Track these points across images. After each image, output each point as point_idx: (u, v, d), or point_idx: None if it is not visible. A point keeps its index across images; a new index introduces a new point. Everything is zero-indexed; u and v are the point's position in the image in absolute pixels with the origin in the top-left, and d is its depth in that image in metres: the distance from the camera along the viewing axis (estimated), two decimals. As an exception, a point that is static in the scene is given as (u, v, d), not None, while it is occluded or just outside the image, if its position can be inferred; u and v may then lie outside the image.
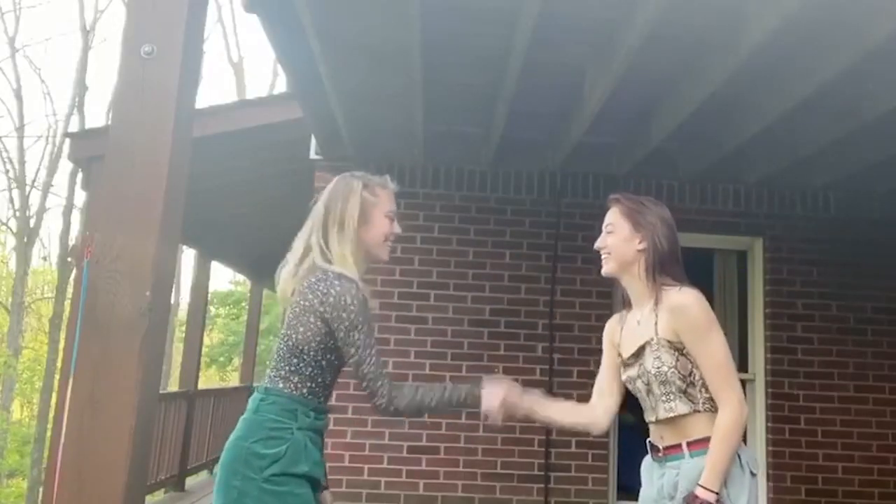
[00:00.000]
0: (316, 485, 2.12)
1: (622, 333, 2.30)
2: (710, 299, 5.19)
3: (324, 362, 2.14)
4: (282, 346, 2.17)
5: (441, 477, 4.64)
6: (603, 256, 2.30)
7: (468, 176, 4.98)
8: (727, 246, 5.20)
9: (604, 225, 2.32)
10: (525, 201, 4.96)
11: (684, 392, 2.11)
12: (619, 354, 2.30)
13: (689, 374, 2.11)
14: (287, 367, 2.14)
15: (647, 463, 2.27)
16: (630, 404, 2.34)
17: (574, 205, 4.96)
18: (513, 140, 4.57)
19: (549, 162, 4.86)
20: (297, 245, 2.29)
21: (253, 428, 2.07)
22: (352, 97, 3.99)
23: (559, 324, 4.80)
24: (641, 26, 2.87)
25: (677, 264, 2.24)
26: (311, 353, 2.12)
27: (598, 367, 2.44)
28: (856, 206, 5.06)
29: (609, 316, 2.48)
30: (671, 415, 2.12)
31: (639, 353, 2.18)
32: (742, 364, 5.10)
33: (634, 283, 2.25)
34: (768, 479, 4.77)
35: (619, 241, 2.25)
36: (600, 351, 2.43)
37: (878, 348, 4.94)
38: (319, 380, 2.15)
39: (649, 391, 2.17)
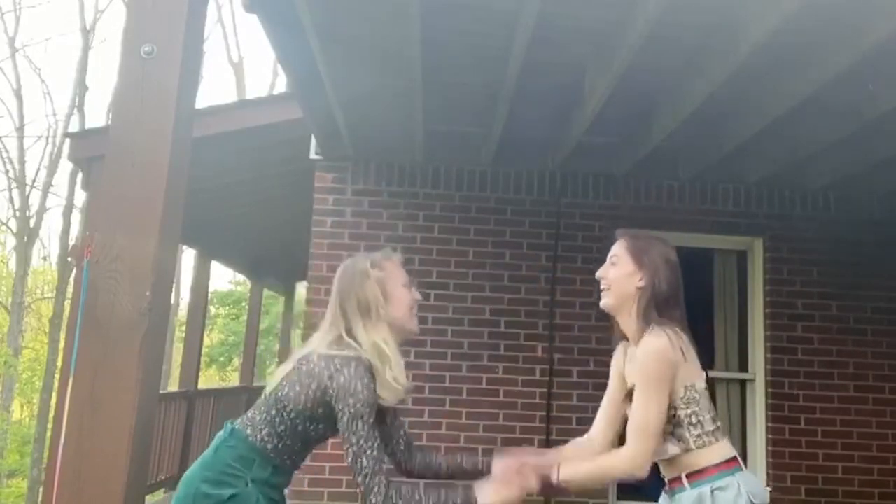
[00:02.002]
0: None
1: (627, 368, 2.30)
2: (710, 299, 5.24)
3: (300, 427, 2.10)
4: (270, 395, 2.12)
5: None
6: (602, 288, 2.30)
7: (468, 176, 4.98)
8: (727, 246, 5.20)
9: (609, 255, 2.32)
10: (525, 201, 4.96)
11: (672, 434, 2.13)
12: (627, 385, 2.29)
13: (674, 417, 2.12)
14: (263, 416, 2.10)
15: (662, 498, 2.28)
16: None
17: (574, 205, 4.95)
18: (513, 140, 4.57)
19: (549, 162, 4.86)
20: (318, 343, 2.19)
21: (207, 466, 2.07)
22: (352, 97, 3.99)
23: (559, 324, 4.80)
24: (641, 26, 2.87)
25: (677, 307, 2.22)
26: (293, 414, 2.08)
27: (597, 367, 2.45)
28: (856, 207, 5.06)
29: (608, 316, 2.47)
30: (666, 457, 2.14)
31: (630, 395, 2.19)
32: (742, 364, 5.11)
33: (628, 322, 2.25)
34: (768, 479, 4.77)
35: (620, 275, 2.25)
36: (600, 351, 2.44)
37: (878, 348, 4.93)
38: (289, 442, 2.10)
39: None
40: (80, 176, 10.85)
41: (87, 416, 1.94)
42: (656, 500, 2.28)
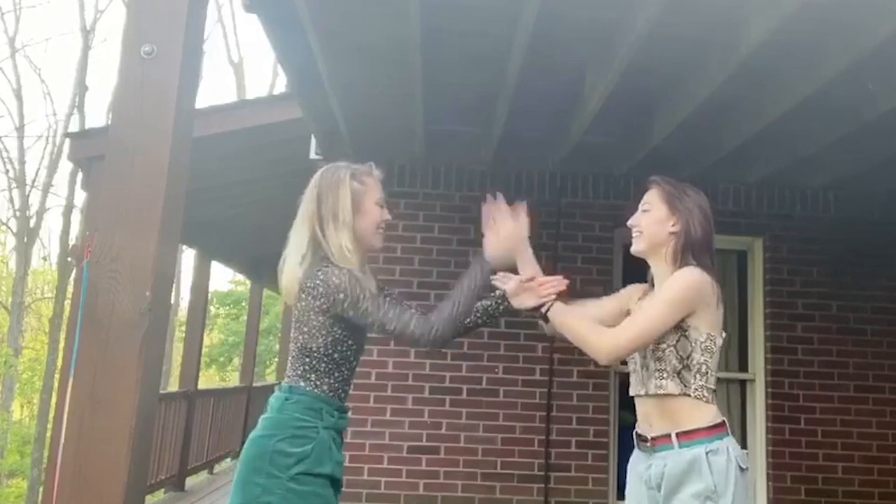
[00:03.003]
0: (337, 485, 2.12)
1: (637, 304, 2.30)
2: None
3: (336, 355, 2.15)
4: (293, 347, 2.17)
5: (441, 477, 4.64)
6: (634, 234, 2.29)
7: (468, 176, 4.98)
8: (727, 246, 5.19)
9: (641, 203, 2.31)
10: (525, 201, 4.94)
11: (678, 373, 2.11)
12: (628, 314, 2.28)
13: (688, 357, 2.11)
14: (302, 367, 2.14)
15: (634, 459, 2.25)
16: (631, 403, 2.33)
17: (574, 205, 4.95)
18: (513, 140, 4.56)
19: (549, 162, 4.86)
20: (295, 241, 2.28)
21: (279, 426, 2.08)
22: (352, 97, 3.99)
23: (559, 324, 4.79)
24: (641, 26, 2.87)
25: (707, 253, 2.21)
26: (321, 349, 2.13)
27: (597, 367, 2.45)
28: (856, 207, 5.06)
29: None
30: (660, 392, 2.11)
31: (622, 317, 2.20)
32: (742, 364, 5.10)
33: (660, 266, 2.24)
34: (768, 479, 4.77)
35: (653, 220, 2.25)
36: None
37: (878, 348, 4.93)
38: (336, 374, 2.15)
39: (645, 365, 2.17)
40: (80, 176, 10.85)
41: (87, 416, 1.94)
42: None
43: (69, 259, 15.90)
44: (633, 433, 2.24)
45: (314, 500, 2.02)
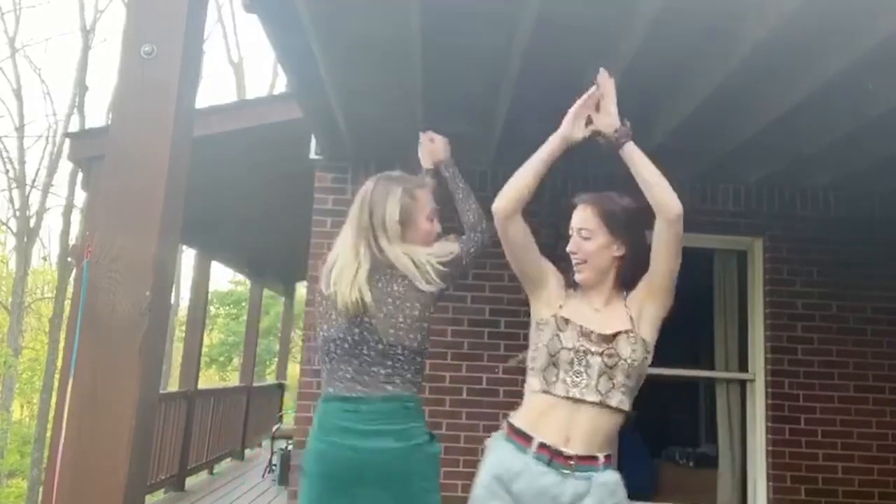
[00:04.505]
0: None
1: (570, 302, 2.20)
2: (710, 299, 5.24)
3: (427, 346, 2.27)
4: (399, 351, 2.19)
5: (441, 477, 4.63)
6: (576, 263, 2.20)
7: (468, 176, 4.93)
8: (727, 246, 5.19)
9: (575, 228, 2.23)
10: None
11: (631, 392, 2.11)
12: (560, 307, 2.18)
13: (640, 381, 2.13)
14: (413, 369, 2.21)
15: (548, 475, 2.04)
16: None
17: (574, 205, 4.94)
18: (513, 140, 4.56)
19: (549, 162, 4.85)
20: (348, 252, 2.28)
21: (425, 432, 2.21)
22: (352, 97, 3.99)
23: (559, 324, 4.79)
24: (642, 26, 2.88)
25: (645, 268, 2.17)
26: (426, 343, 2.25)
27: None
28: (856, 206, 5.06)
29: None
30: (621, 407, 2.08)
31: (610, 339, 2.10)
32: (742, 364, 5.10)
33: (604, 285, 2.20)
34: (768, 479, 4.77)
35: (595, 247, 2.18)
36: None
37: (878, 348, 4.93)
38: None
39: (608, 375, 2.06)
40: (80, 176, 10.84)
41: (87, 416, 1.94)
42: (654, 501, 2.27)
43: (69, 259, 15.91)
44: (536, 443, 2.06)
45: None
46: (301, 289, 13.11)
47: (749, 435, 4.94)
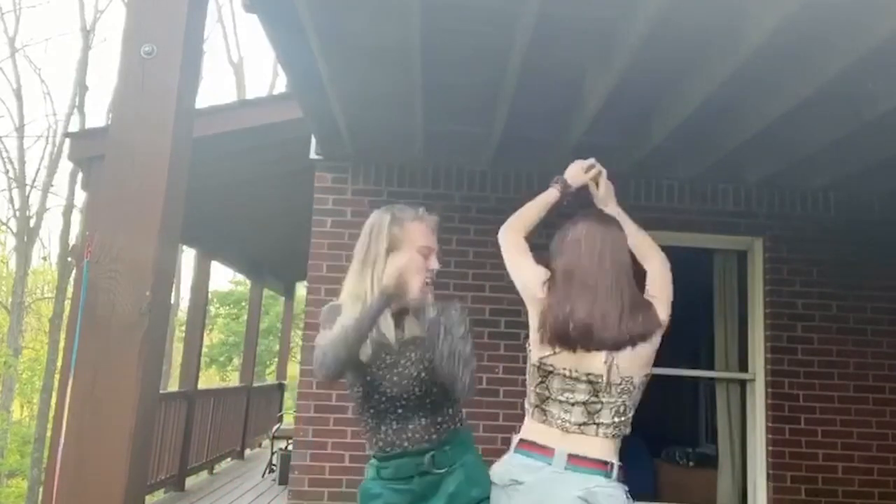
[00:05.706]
0: None
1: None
2: (710, 299, 5.24)
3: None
4: (437, 393, 2.28)
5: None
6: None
7: (468, 176, 4.98)
8: (727, 246, 5.19)
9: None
10: (525, 201, 4.94)
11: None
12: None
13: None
14: (450, 409, 2.39)
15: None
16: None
17: (574, 205, 4.94)
18: (513, 140, 4.56)
19: (550, 162, 4.85)
20: (357, 289, 2.26)
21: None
22: (352, 97, 3.99)
23: (559, 324, 4.79)
24: (642, 26, 2.87)
25: None
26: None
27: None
28: (856, 206, 5.06)
29: None
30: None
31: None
32: (742, 364, 5.10)
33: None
34: (768, 479, 4.77)
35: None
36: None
37: (878, 348, 4.93)
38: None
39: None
40: (80, 176, 10.85)
41: (87, 416, 1.94)
42: (655, 501, 2.27)
43: (69, 259, 15.93)
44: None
45: None
46: (301, 289, 13.10)
47: (749, 435, 4.95)
